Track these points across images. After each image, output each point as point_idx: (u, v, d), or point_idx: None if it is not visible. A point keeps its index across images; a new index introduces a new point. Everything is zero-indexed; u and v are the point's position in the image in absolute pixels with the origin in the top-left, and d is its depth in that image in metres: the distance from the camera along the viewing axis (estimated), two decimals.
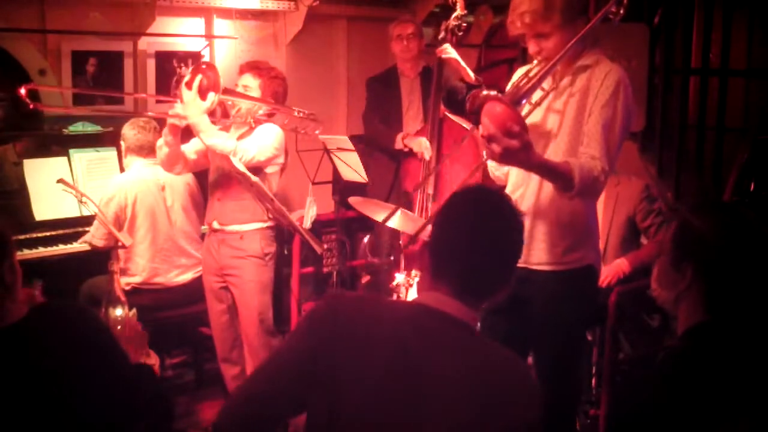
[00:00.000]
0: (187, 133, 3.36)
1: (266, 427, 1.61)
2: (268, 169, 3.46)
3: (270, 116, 3.57)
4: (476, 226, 1.56)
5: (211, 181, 3.57)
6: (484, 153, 2.30)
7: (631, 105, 2.43)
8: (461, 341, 1.50)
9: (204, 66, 3.30)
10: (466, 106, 2.33)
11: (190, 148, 3.51)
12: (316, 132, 3.60)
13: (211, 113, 3.32)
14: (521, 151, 2.12)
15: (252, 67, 3.57)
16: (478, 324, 1.58)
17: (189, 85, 3.16)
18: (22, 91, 3.19)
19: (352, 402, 1.45)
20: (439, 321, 1.51)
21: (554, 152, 2.42)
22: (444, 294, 1.55)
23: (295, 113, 3.48)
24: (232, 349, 3.66)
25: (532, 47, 2.44)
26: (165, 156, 3.43)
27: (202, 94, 3.17)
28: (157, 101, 4.52)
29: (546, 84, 2.43)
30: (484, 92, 2.24)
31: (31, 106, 3.31)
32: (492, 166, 2.66)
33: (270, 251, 3.53)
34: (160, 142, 3.41)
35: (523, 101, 2.37)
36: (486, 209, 1.60)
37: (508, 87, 2.47)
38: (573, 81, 2.45)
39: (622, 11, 2.47)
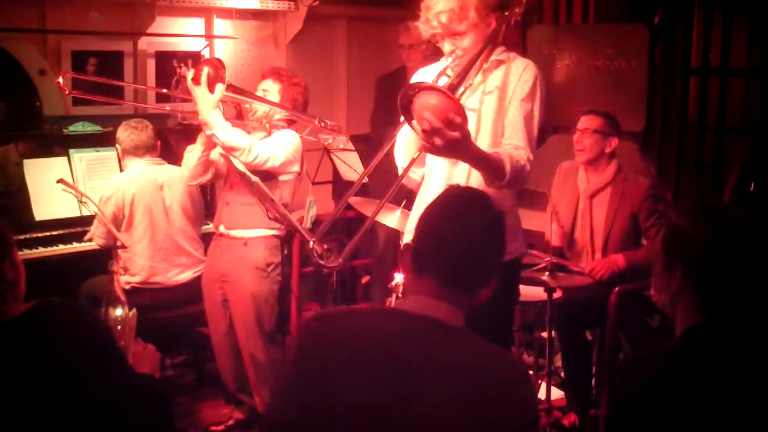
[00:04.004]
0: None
1: None
2: (282, 177, 3.38)
3: (290, 123, 3.50)
4: (457, 218, 1.58)
5: (224, 185, 3.52)
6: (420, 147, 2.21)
7: (545, 100, 2.46)
8: (447, 344, 1.49)
9: (207, 58, 3.24)
10: (399, 100, 2.15)
11: (216, 154, 3.42)
12: (349, 142, 3.55)
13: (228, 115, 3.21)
14: (463, 142, 2.07)
15: (273, 72, 3.50)
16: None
17: (196, 81, 3.10)
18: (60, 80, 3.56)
19: (346, 421, 1.43)
20: (424, 326, 1.50)
21: None
22: (426, 295, 1.54)
23: (317, 123, 3.38)
24: (230, 357, 3.58)
25: (447, 47, 2.44)
26: (195, 164, 3.38)
27: (210, 87, 3.10)
28: (157, 101, 4.54)
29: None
30: (419, 83, 2.14)
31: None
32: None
33: (273, 261, 3.42)
34: (191, 147, 3.38)
35: (461, 90, 2.31)
36: (465, 204, 1.62)
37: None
38: (485, 78, 2.45)
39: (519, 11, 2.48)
